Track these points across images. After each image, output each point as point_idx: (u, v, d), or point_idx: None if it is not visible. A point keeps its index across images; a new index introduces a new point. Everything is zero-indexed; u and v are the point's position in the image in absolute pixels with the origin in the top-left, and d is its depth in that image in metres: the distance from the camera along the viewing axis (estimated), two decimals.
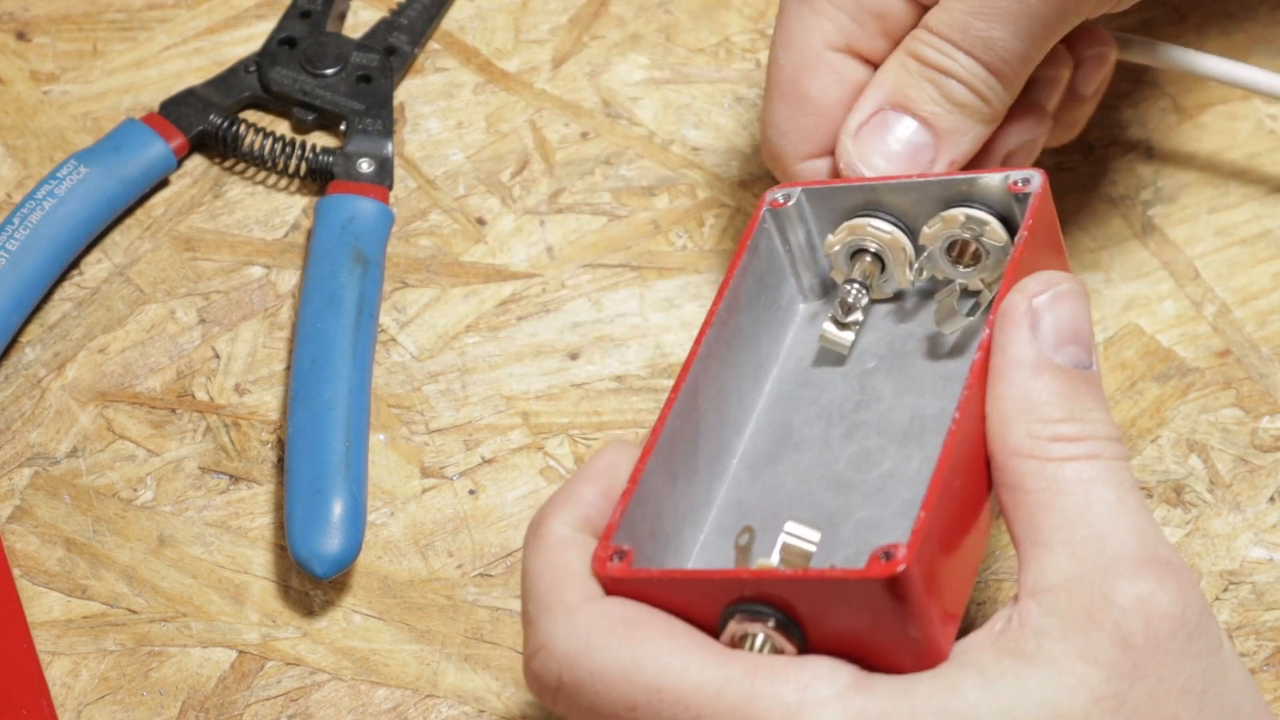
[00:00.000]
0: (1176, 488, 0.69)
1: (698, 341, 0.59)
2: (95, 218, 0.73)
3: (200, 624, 0.67)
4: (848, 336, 0.62)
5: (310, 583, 0.68)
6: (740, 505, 0.59)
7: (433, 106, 0.78)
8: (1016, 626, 0.53)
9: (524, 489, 0.70)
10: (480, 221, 0.75)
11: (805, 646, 0.54)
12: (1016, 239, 0.59)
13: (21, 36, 0.79)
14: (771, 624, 0.53)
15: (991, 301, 0.58)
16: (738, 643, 0.53)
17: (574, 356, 0.72)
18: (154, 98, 0.77)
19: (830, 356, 0.62)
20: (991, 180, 0.60)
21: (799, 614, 0.53)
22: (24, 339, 0.72)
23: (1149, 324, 0.73)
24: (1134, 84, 0.78)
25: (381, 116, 0.76)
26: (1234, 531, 0.69)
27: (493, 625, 0.67)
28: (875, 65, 0.65)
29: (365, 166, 0.75)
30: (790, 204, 0.62)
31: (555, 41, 0.79)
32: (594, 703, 0.53)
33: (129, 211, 0.75)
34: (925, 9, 0.64)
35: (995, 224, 0.60)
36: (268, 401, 0.71)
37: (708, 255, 0.74)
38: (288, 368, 0.72)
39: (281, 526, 0.68)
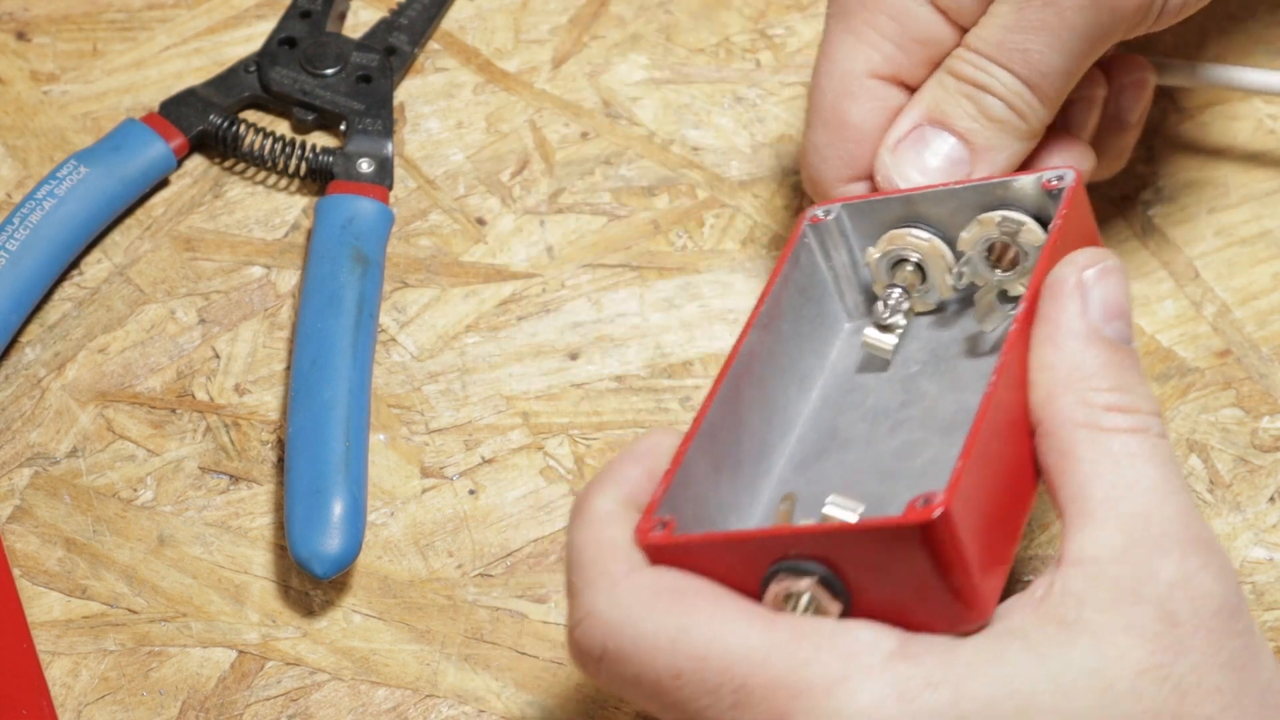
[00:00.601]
0: None
1: (740, 340, 0.60)
2: (95, 218, 0.73)
3: (200, 624, 0.67)
4: (890, 340, 0.62)
5: (310, 583, 0.68)
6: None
7: (433, 106, 0.78)
8: (1059, 594, 0.53)
9: (524, 489, 0.70)
10: (480, 221, 0.75)
11: (848, 606, 0.54)
12: (1050, 227, 0.59)
13: (21, 36, 0.79)
14: (815, 579, 0.53)
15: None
16: (781, 603, 0.53)
17: (574, 356, 0.72)
18: (154, 98, 0.77)
19: (875, 363, 0.63)
20: (1026, 181, 0.61)
21: (842, 572, 0.53)
22: (24, 339, 0.72)
23: (1149, 324, 0.73)
24: None
25: (381, 116, 0.76)
26: (1234, 531, 0.69)
27: (493, 625, 0.67)
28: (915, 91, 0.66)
29: (365, 166, 0.75)
30: (830, 219, 0.63)
31: (555, 41, 0.79)
32: (638, 671, 0.53)
33: (129, 211, 0.75)
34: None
35: (1032, 224, 0.61)
36: (268, 401, 0.71)
37: (708, 255, 0.74)
38: (288, 368, 0.72)
39: (281, 526, 0.68)
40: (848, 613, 0.54)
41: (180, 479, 0.69)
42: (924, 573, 0.52)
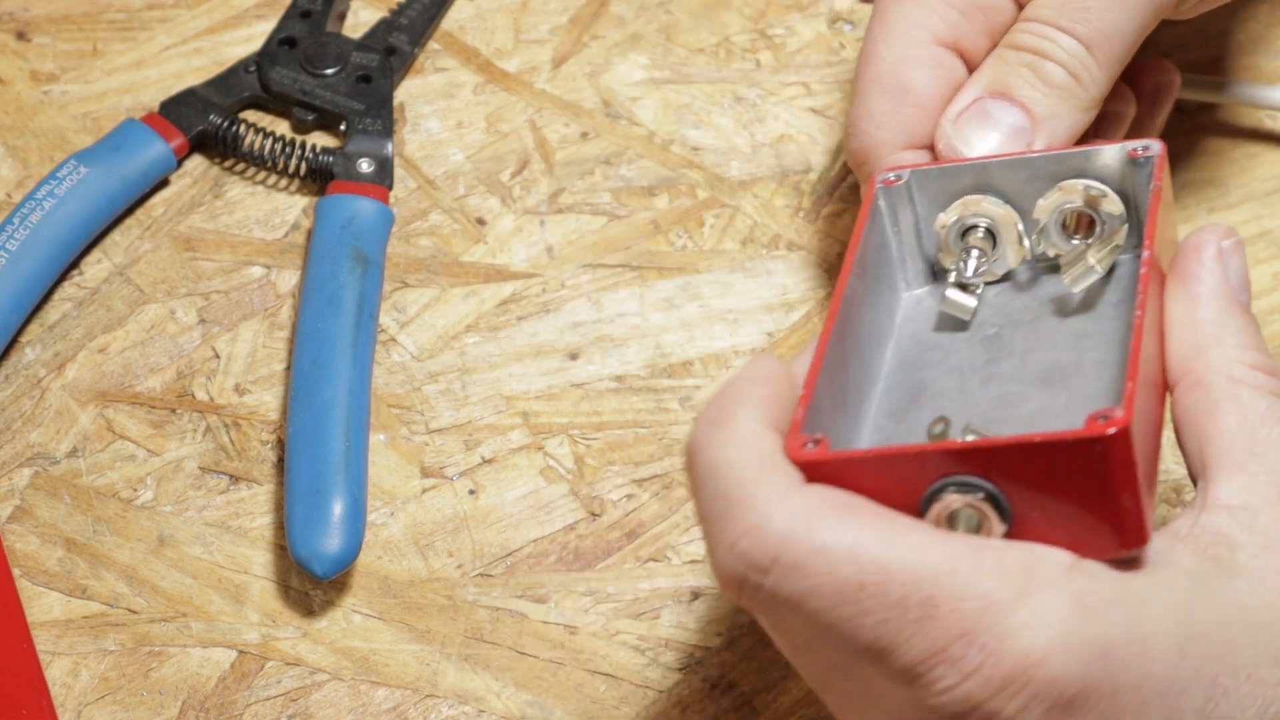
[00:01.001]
0: (1176, 488, 0.69)
1: (840, 286, 0.59)
2: (95, 218, 0.73)
3: (200, 624, 0.67)
4: (971, 300, 0.62)
5: (310, 583, 0.68)
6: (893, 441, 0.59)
7: (433, 106, 0.78)
8: (1208, 534, 0.54)
9: (524, 489, 0.70)
10: (480, 221, 0.75)
11: (1010, 527, 0.53)
12: (1150, 190, 0.60)
13: (21, 36, 0.79)
14: (982, 496, 0.53)
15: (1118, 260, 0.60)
16: (944, 521, 0.53)
17: (574, 356, 0.72)
18: (154, 98, 0.77)
19: (950, 324, 0.62)
20: (1108, 151, 0.61)
21: (1007, 490, 0.53)
22: (24, 339, 0.72)
23: None
24: None
25: (381, 116, 0.76)
26: None
27: (493, 625, 0.67)
28: (974, 65, 0.66)
29: (365, 166, 0.75)
30: (901, 183, 0.63)
31: (555, 41, 0.79)
32: (815, 584, 0.51)
33: (129, 211, 0.75)
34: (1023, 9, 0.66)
35: (1113, 194, 0.61)
36: (268, 401, 0.71)
37: (708, 255, 0.74)
38: (288, 368, 0.72)
39: (281, 526, 0.68)
40: (1009, 534, 0.53)
41: (180, 479, 0.69)
42: (1096, 490, 0.52)
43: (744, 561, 0.52)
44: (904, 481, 0.53)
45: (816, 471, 0.53)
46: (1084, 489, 0.52)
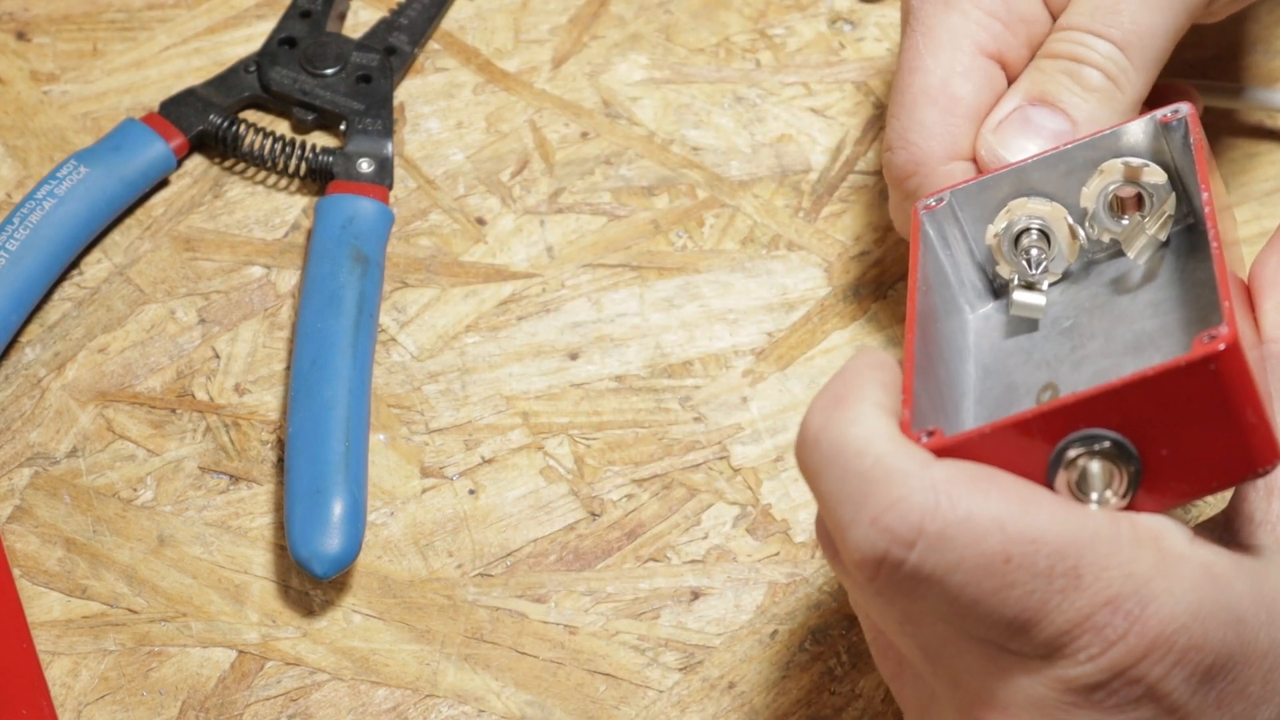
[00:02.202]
0: None
1: (911, 306, 0.59)
2: (95, 218, 0.73)
3: (200, 624, 0.67)
4: (1040, 299, 0.62)
5: (310, 583, 0.68)
6: None
7: (433, 106, 0.78)
8: None
9: (524, 489, 0.70)
10: (480, 221, 0.75)
11: (1142, 474, 0.53)
12: (1191, 145, 0.60)
13: (21, 36, 0.79)
14: (1107, 446, 0.53)
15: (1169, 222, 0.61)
16: (1074, 485, 0.53)
17: (574, 356, 0.72)
18: (154, 98, 0.77)
19: (1023, 326, 0.63)
20: (1137, 125, 0.62)
21: (1131, 434, 0.53)
22: (24, 339, 0.72)
23: None
24: None
25: (381, 116, 0.76)
26: None
27: (493, 625, 0.67)
28: (1014, 76, 0.67)
29: (365, 166, 0.75)
30: (942, 206, 0.63)
31: (555, 41, 0.79)
32: (962, 554, 0.51)
33: (129, 211, 0.75)
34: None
35: (1153, 164, 0.61)
36: (268, 401, 0.71)
37: (708, 255, 0.74)
38: (288, 368, 0.72)
39: (281, 526, 0.68)
40: (1141, 484, 0.53)
41: (180, 479, 0.69)
42: (1219, 411, 0.52)
43: (888, 536, 0.51)
44: (1028, 450, 0.53)
45: (941, 456, 0.53)
46: (1207, 413, 0.52)
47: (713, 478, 0.70)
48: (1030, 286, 0.62)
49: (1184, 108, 0.61)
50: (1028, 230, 0.63)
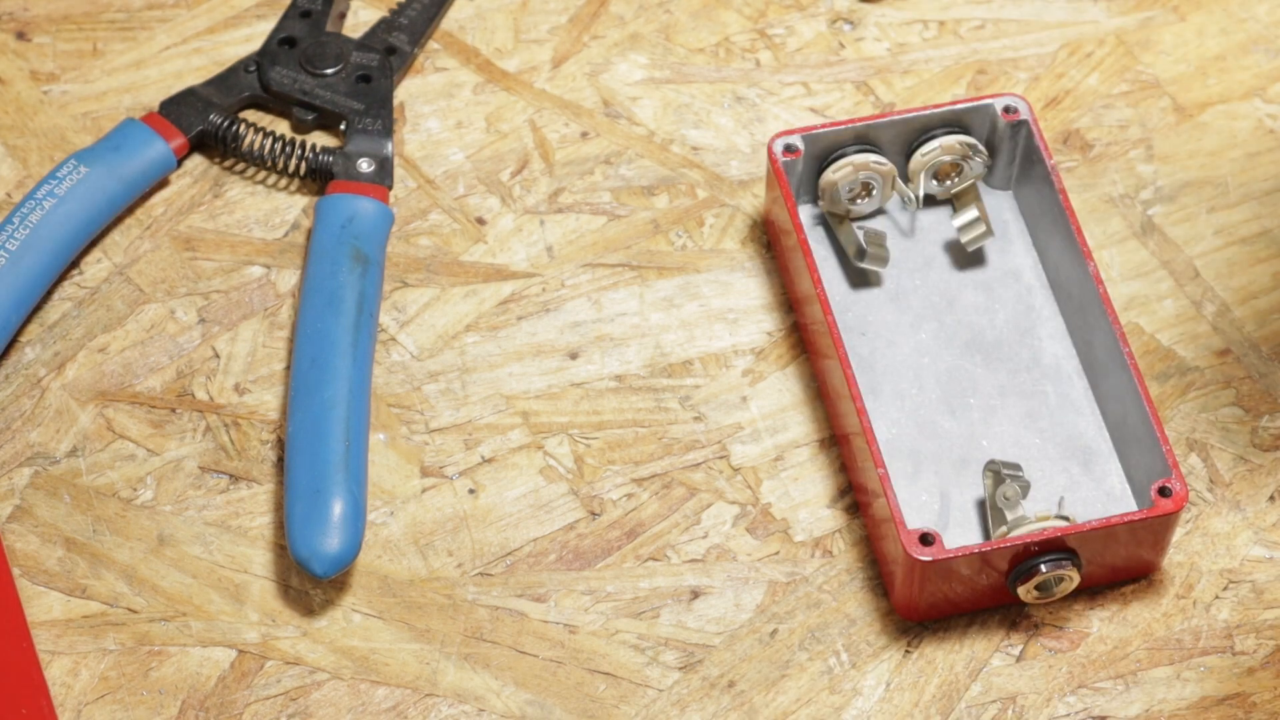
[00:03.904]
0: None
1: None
2: (95, 218, 0.73)
3: (200, 623, 0.67)
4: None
5: (310, 582, 0.68)
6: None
7: (433, 106, 0.78)
8: None
9: (524, 488, 0.70)
10: (480, 221, 0.75)
11: (1081, 574, 0.66)
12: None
13: (21, 36, 0.79)
14: (1068, 564, 0.65)
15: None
16: (1035, 591, 0.66)
17: (574, 356, 0.72)
18: (154, 98, 0.77)
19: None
20: (974, 107, 0.72)
21: (1083, 551, 0.65)
22: (24, 339, 0.72)
23: (1149, 323, 0.73)
24: (1133, 84, 0.78)
25: (381, 116, 0.76)
26: (1234, 530, 0.69)
27: (492, 625, 0.67)
28: None
29: (365, 166, 0.75)
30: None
31: (555, 41, 0.79)
32: None
33: (129, 211, 0.75)
34: None
35: (980, 146, 0.73)
36: (268, 401, 0.71)
37: (708, 255, 0.74)
38: (288, 367, 0.72)
39: (281, 526, 0.68)
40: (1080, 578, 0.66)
41: (180, 478, 0.69)
42: (1153, 540, 0.66)
43: None
44: (999, 562, 0.65)
45: (931, 566, 0.64)
46: (1142, 543, 0.66)
47: (712, 477, 0.70)
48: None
49: (1022, 105, 0.72)
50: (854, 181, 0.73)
